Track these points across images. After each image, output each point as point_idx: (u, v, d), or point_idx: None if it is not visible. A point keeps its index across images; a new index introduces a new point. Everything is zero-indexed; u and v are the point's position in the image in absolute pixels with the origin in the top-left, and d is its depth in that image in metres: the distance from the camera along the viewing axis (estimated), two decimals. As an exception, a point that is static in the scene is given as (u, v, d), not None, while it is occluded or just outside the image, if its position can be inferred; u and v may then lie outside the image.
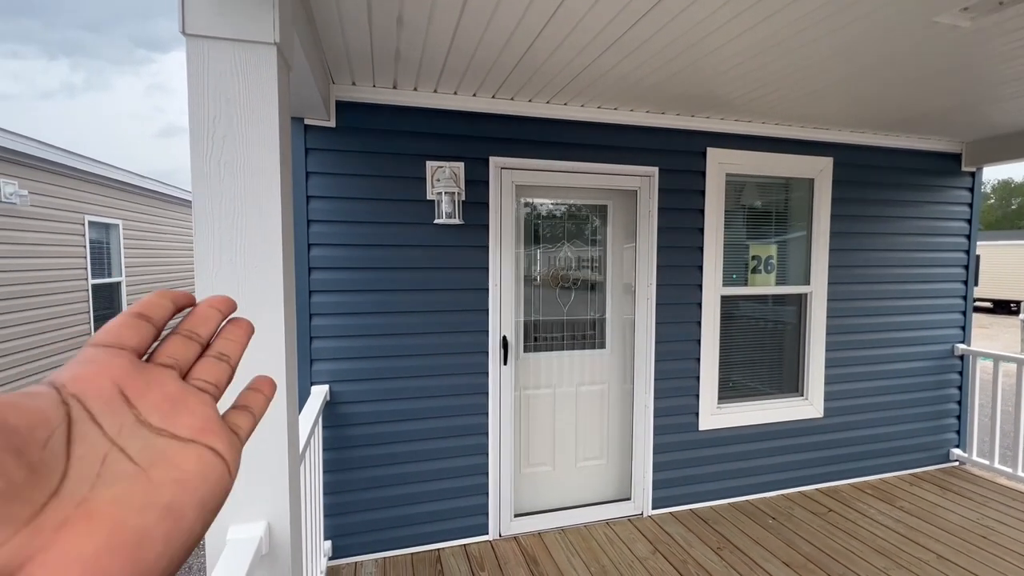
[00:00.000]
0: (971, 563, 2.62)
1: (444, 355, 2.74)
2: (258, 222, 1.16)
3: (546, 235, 3.01)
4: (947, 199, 3.66)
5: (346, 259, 2.58)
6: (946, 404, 3.78)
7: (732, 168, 3.14)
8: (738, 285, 3.30)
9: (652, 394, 3.08)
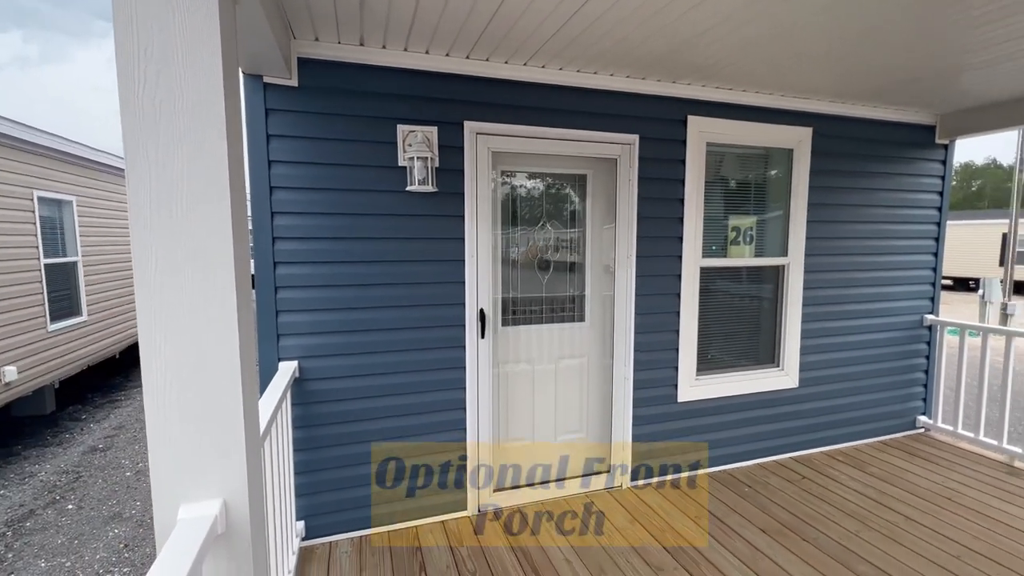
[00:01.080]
0: (937, 523, 2.70)
1: (419, 329, 2.65)
2: (201, 167, 1.04)
3: (524, 211, 2.92)
4: (921, 171, 3.69)
5: (313, 228, 2.44)
6: (914, 373, 3.88)
7: (713, 137, 3.08)
8: (717, 257, 3.28)
9: (631, 366, 3.05)
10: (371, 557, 2.46)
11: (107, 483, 4.11)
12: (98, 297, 6.88)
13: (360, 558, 2.45)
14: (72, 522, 3.54)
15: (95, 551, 3.20)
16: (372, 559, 2.44)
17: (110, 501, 3.83)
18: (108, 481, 4.15)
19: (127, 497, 3.90)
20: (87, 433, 5.24)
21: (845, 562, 2.39)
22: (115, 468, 4.39)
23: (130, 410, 5.92)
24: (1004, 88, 3.03)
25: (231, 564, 1.20)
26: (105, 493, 3.95)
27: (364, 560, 2.43)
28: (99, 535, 3.38)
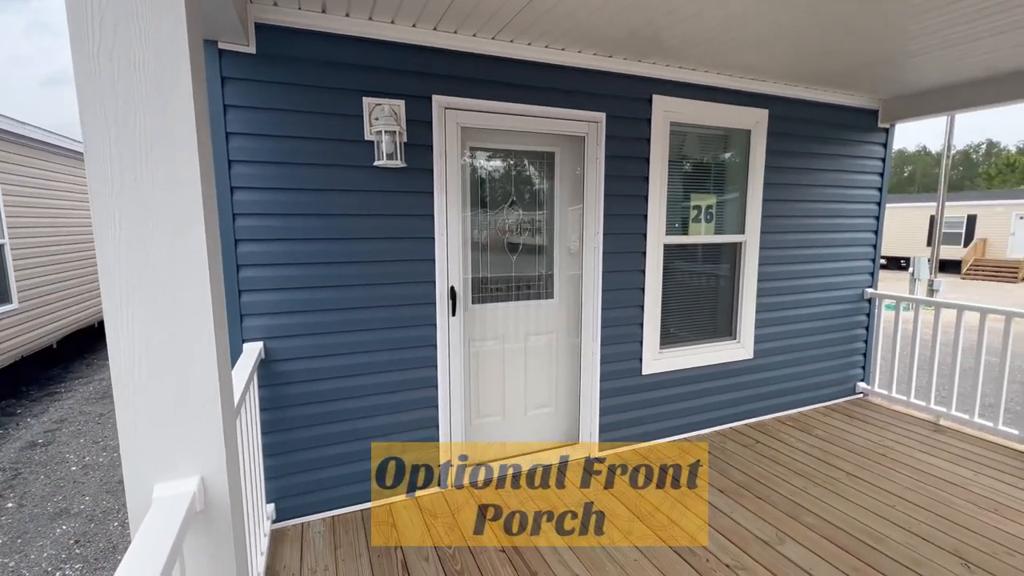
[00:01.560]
0: (874, 477, 2.95)
1: (389, 307, 2.62)
2: (166, 125, 0.98)
3: (493, 189, 2.91)
4: (864, 154, 3.92)
5: (276, 204, 2.35)
6: (854, 343, 4.18)
7: (676, 116, 3.16)
8: (679, 235, 3.39)
9: (599, 341, 3.14)
10: (345, 536, 2.45)
11: (50, 479, 3.88)
12: (31, 283, 6.38)
13: (334, 537, 2.44)
14: (13, 521, 3.33)
15: (42, 549, 3.04)
16: (347, 537, 2.44)
17: (55, 497, 3.62)
18: (51, 477, 3.91)
19: (74, 492, 3.70)
20: (24, 428, 4.90)
21: (794, 515, 2.58)
22: (58, 463, 4.14)
23: (72, 403, 5.57)
24: (939, 75, 3.25)
25: (211, 541, 1.18)
26: (49, 490, 3.73)
27: (338, 539, 2.43)
28: (45, 533, 3.20)
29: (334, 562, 2.26)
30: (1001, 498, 2.73)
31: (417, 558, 2.29)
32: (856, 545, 2.34)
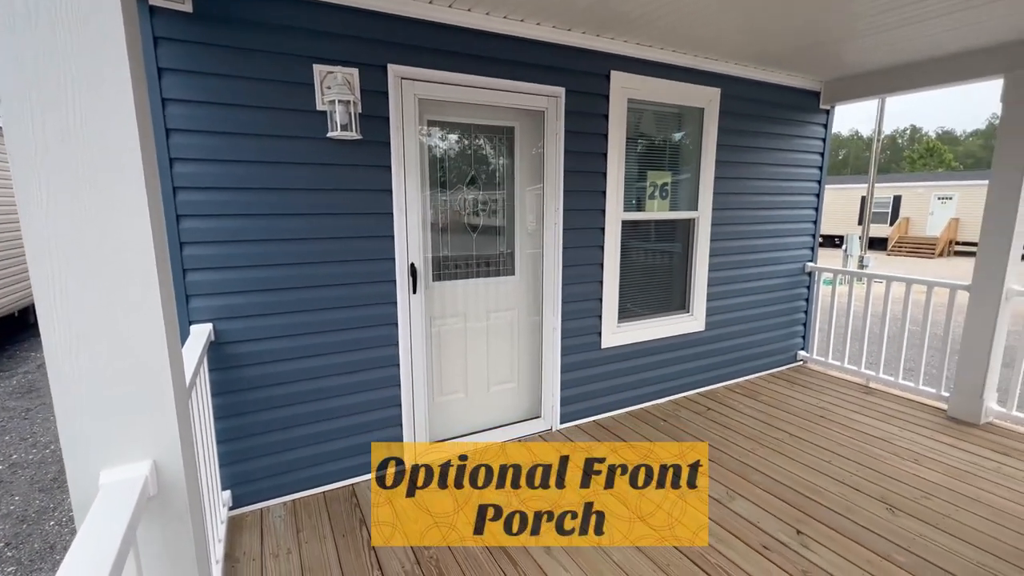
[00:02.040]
0: (813, 437, 3.19)
1: (347, 285, 2.54)
2: (99, 85, 0.89)
3: (453, 164, 2.85)
4: (807, 134, 4.11)
5: (222, 178, 2.21)
6: (796, 314, 4.44)
7: (634, 93, 3.19)
8: (636, 211, 3.46)
9: (559, 317, 3.18)
10: (308, 519, 2.41)
11: (-27, 479, 3.57)
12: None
13: (296, 520, 2.39)
14: (-67, 525, 3.06)
15: (-31, 553, 2.81)
16: (309, 521, 2.39)
17: (-19, 498, 3.34)
18: (-26, 477, 3.60)
19: (1, 493, 3.42)
20: (-62, 426, 4.46)
21: (743, 474, 2.75)
22: (-18, 462, 3.81)
23: (-7, 397, 5.12)
24: (877, 58, 3.43)
25: (168, 527, 1.12)
26: (-28, 490, 3.44)
27: (300, 522, 2.38)
28: (-28, 536, 2.95)
29: (296, 545, 2.22)
30: (920, 449, 3.01)
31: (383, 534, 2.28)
32: (797, 498, 2.53)
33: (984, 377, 3.30)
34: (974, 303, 3.35)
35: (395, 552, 2.17)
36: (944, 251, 20.90)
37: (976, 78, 3.23)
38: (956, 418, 3.42)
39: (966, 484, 2.65)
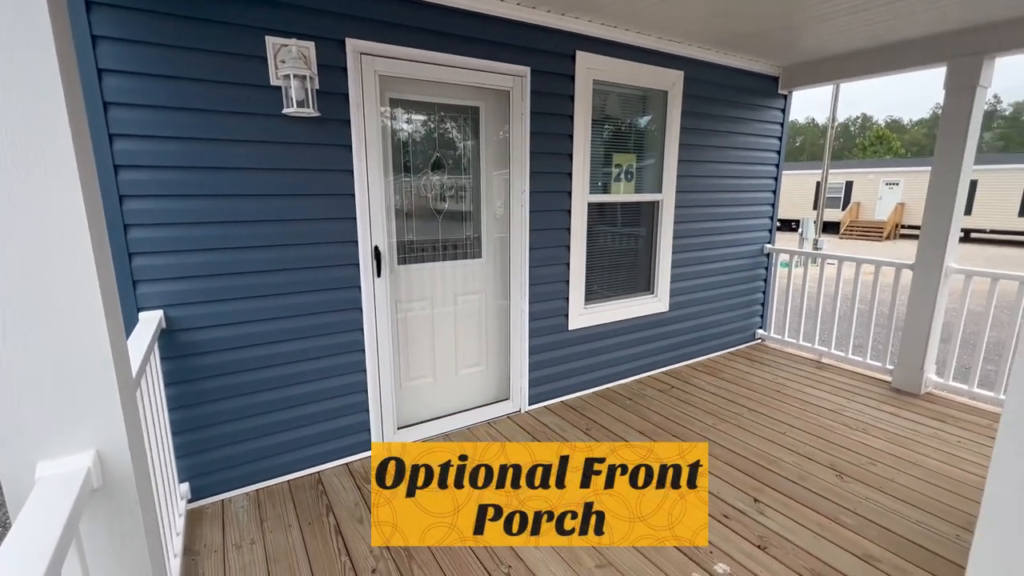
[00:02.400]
0: (770, 411, 3.33)
1: (308, 269, 2.46)
2: (14, 48, 0.81)
3: (417, 145, 2.78)
4: (766, 118, 4.21)
5: (168, 155, 2.08)
6: (755, 294, 4.60)
7: (599, 75, 3.18)
8: (602, 193, 3.48)
9: (527, 299, 3.19)
10: (272, 508, 2.35)
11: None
12: None
13: (259, 510, 2.33)
14: None
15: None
16: (273, 510, 2.34)
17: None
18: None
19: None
20: None
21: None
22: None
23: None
24: (836, 43, 3.53)
25: (116, 521, 1.07)
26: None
27: (264, 512, 2.32)
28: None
29: (260, 535, 2.17)
30: (867, 419, 3.19)
31: (351, 520, 2.26)
32: (755, 469, 2.65)
33: (925, 350, 3.51)
34: (917, 281, 3.54)
35: (364, 536, 2.15)
36: (891, 234, 22.04)
37: (922, 65, 3.38)
38: (899, 389, 3.64)
39: (907, 450, 2.83)
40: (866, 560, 2.01)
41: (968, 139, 3.20)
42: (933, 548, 2.07)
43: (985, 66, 3.10)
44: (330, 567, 1.99)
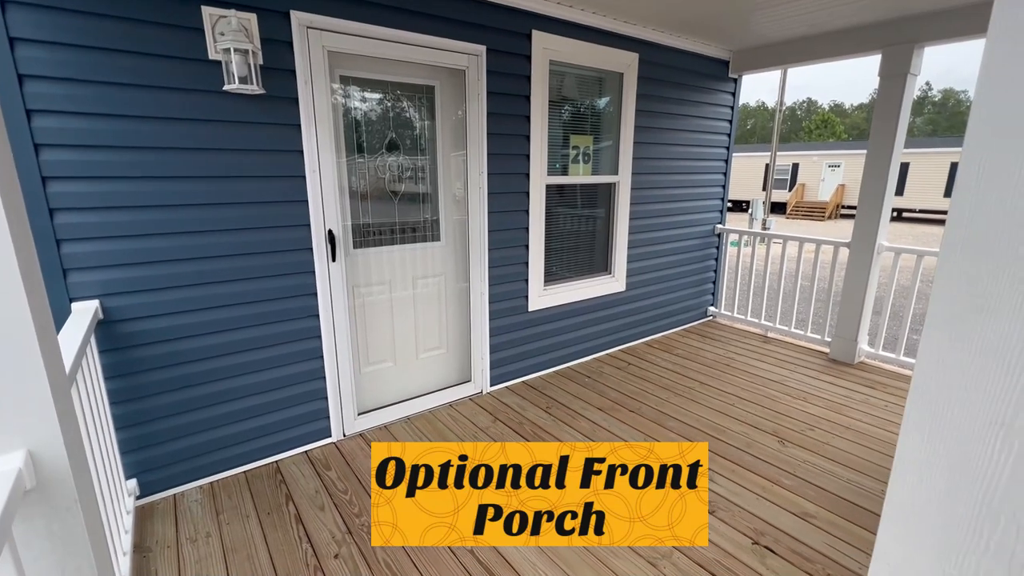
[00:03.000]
0: (720, 384, 3.50)
1: (258, 255, 2.37)
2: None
3: (370, 125, 2.70)
4: (717, 102, 4.33)
5: (99, 134, 1.94)
6: (707, 273, 4.78)
7: (555, 55, 3.17)
8: (560, 175, 3.50)
9: (487, 282, 3.19)
10: (228, 500, 2.30)
11: None
12: None
13: (215, 503, 2.27)
14: None
15: None
16: (230, 502, 2.28)
17: None
18: None
19: None
20: None
21: (660, 421, 2.98)
22: None
23: None
24: (780, 31, 3.64)
25: (54, 522, 1.02)
26: None
27: (220, 504, 2.27)
28: None
29: (217, 527, 2.12)
30: (807, 388, 3.42)
31: (312, 508, 2.24)
32: (705, 439, 2.79)
33: (859, 323, 3.77)
34: (852, 258, 3.78)
35: (325, 523, 2.14)
36: (833, 214, 23.29)
37: (860, 53, 3.54)
38: (836, 359, 3.90)
39: (842, 415, 3.05)
40: (803, 518, 2.18)
41: (899, 123, 3.41)
42: (861, 503, 2.27)
43: (915, 55, 3.29)
44: (291, 555, 1.97)
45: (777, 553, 1.98)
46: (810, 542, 2.04)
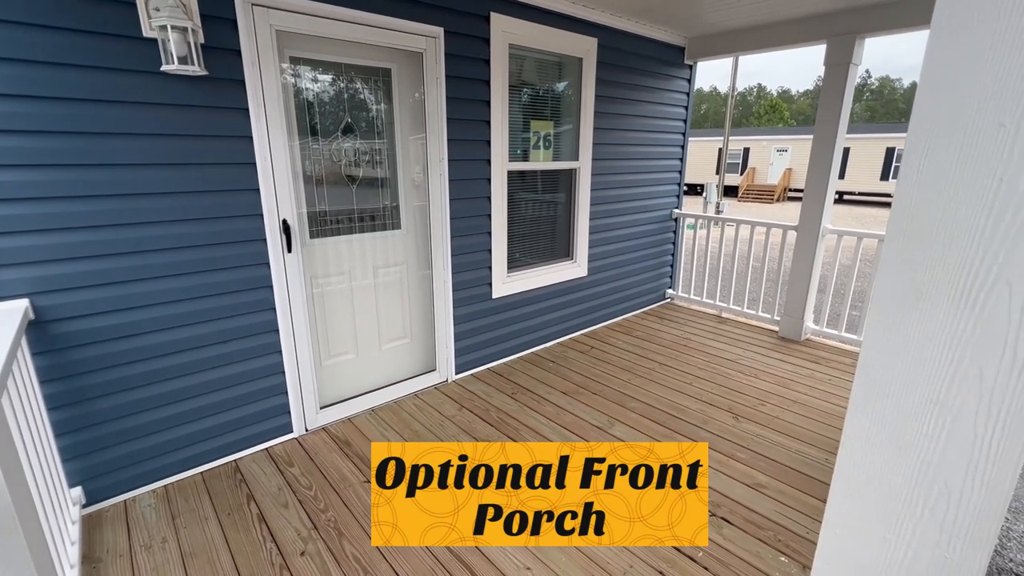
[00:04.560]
0: (678, 364, 3.63)
1: (207, 247, 2.25)
2: None
3: (325, 112, 2.59)
4: (673, 88, 4.40)
5: (17, 118, 1.77)
6: (664, 256, 4.91)
7: (514, 39, 3.12)
8: (521, 161, 3.49)
9: (450, 270, 3.16)
10: (185, 503, 2.21)
11: None
12: None
13: (170, 507, 2.18)
14: None
15: None
16: (186, 505, 2.20)
17: None
18: None
19: None
20: None
21: (621, 403, 3.07)
22: None
23: None
24: (732, 20, 3.73)
25: (-9, 541, 0.95)
26: None
27: (176, 508, 2.18)
28: None
29: (173, 532, 2.04)
30: (759, 365, 3.60)
31: (275, 506, 2.19)
32: (665, 418, 2.90)
33: (805, 302, 3.98)
34: (799, 240, 3.97)
35: (290, 521, 2.10)
36: (780, 197, 24.33)
37: (808, 42, 3.68)
38: (785, 337, 4.12)
39: (790, 390, 3.24)
40: (755, 488, 2.31)
41: (843, 110, 3.58)
42: (808, 472, 2.42)
43: (857, 45, 3.44)
44: (254, 555, 1.93)
45: (732, 523, 2.09)
46: (762, 511, 2.16)
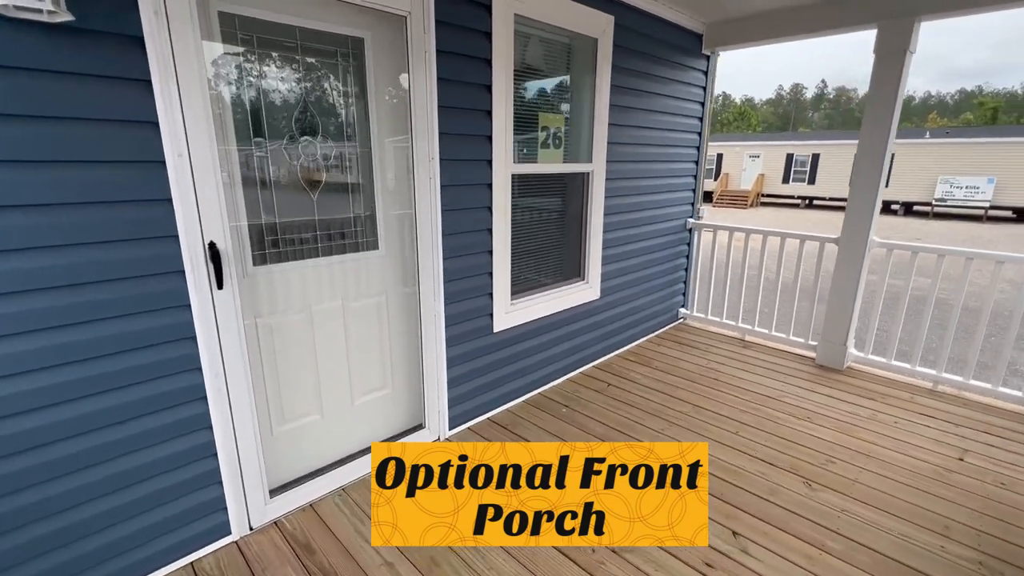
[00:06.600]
0: (713, 404, 3.04)
1: (92, 285, 1.51)
2: None
3: (270, 89, 1.88)
4: (690, 80, 3.85)
5: None
6: (677, 272, 4.35)
7: (520, 7, 2.48)
8: (529, 162, 2.85)
9: (442, 299, 2.49)
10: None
11: None
12: None
13: None
14: None
15: None
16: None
17: None
18: None
19: None
20: None
21: (661, 465, 2.45)
22: None
23: None
24: (758, 1, 3.20)
25: None
26: None
27: None
28: None
29: None
30: (808, 404, 3.04)
31: None
32: (721, 486, 2.29)
33: (848, 326, 3.47)
34: (841, 255, 3.46)
35: None
36: (753, 202, 24.48)
37: (853, 27, 3.18)
38: (824, 365, 3.59)
39: (854, 438, 2.68)
40: (870, 601, 1.72)
41: (896, 107, 3.08)
42: (926, 570, 1.85)
43: (915, 29, 2.95)
44: None
45: (861, 669, 1.49)
46: (893, 642, 1.57)
